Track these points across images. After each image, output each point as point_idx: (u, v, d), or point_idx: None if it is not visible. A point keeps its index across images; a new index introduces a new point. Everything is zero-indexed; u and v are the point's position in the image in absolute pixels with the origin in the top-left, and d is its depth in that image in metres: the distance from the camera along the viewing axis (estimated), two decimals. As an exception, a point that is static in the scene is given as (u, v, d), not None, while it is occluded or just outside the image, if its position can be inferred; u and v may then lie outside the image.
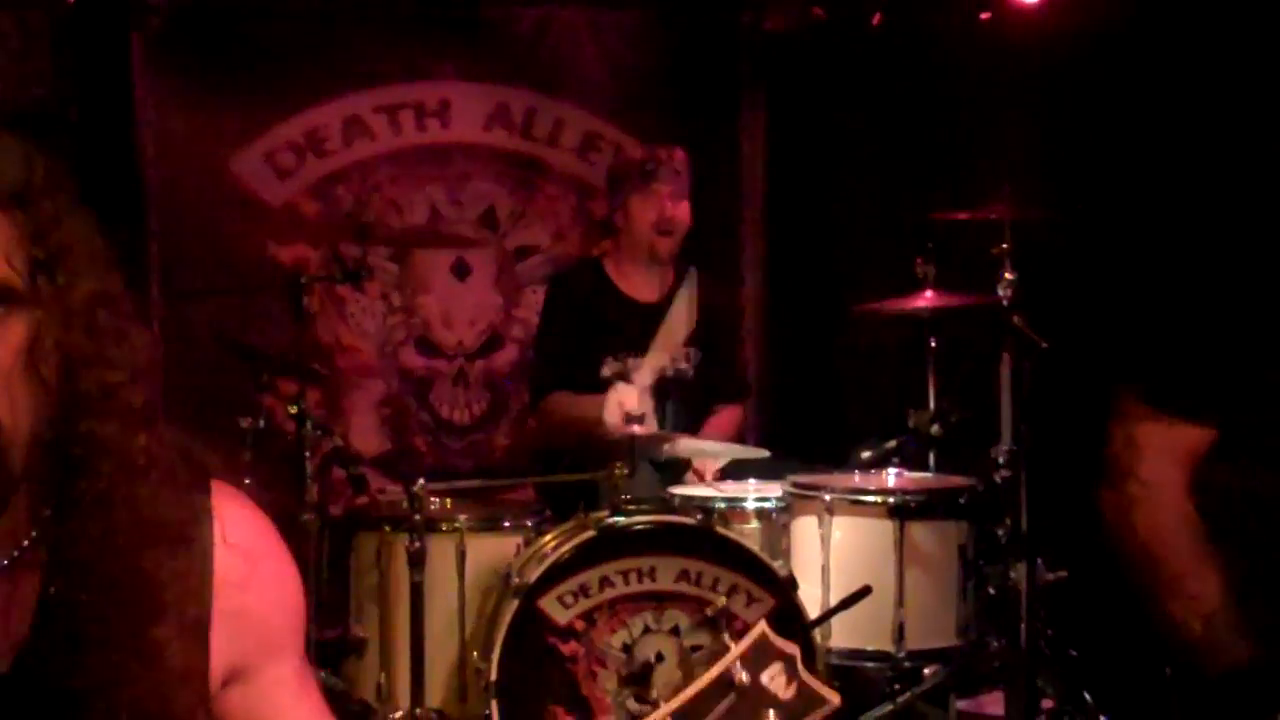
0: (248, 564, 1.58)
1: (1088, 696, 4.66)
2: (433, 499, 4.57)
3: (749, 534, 4.46)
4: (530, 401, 5.25)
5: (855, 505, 4.34)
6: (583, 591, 4.03)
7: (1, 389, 1.43)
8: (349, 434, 6.28)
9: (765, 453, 4.75)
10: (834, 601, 4.26)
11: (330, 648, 4.59)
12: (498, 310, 6.50)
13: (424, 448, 6.45)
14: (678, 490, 4.65)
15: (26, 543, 1.50)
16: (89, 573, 1.47)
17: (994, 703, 4.82)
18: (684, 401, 5.10)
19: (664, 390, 5.07)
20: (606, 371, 4.98)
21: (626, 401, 4.77)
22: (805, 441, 5.12)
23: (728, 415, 5.23)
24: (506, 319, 6.50)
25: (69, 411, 1.48)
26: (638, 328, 5.07)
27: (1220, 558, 2.58)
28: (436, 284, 6.44)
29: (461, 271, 6.45)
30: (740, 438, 5.31)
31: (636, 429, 4.41)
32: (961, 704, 4.64)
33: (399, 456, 6.39)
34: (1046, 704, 4.58)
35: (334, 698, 4.04)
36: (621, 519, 4.12)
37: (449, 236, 6.30)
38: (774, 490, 4.62)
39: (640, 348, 5.04)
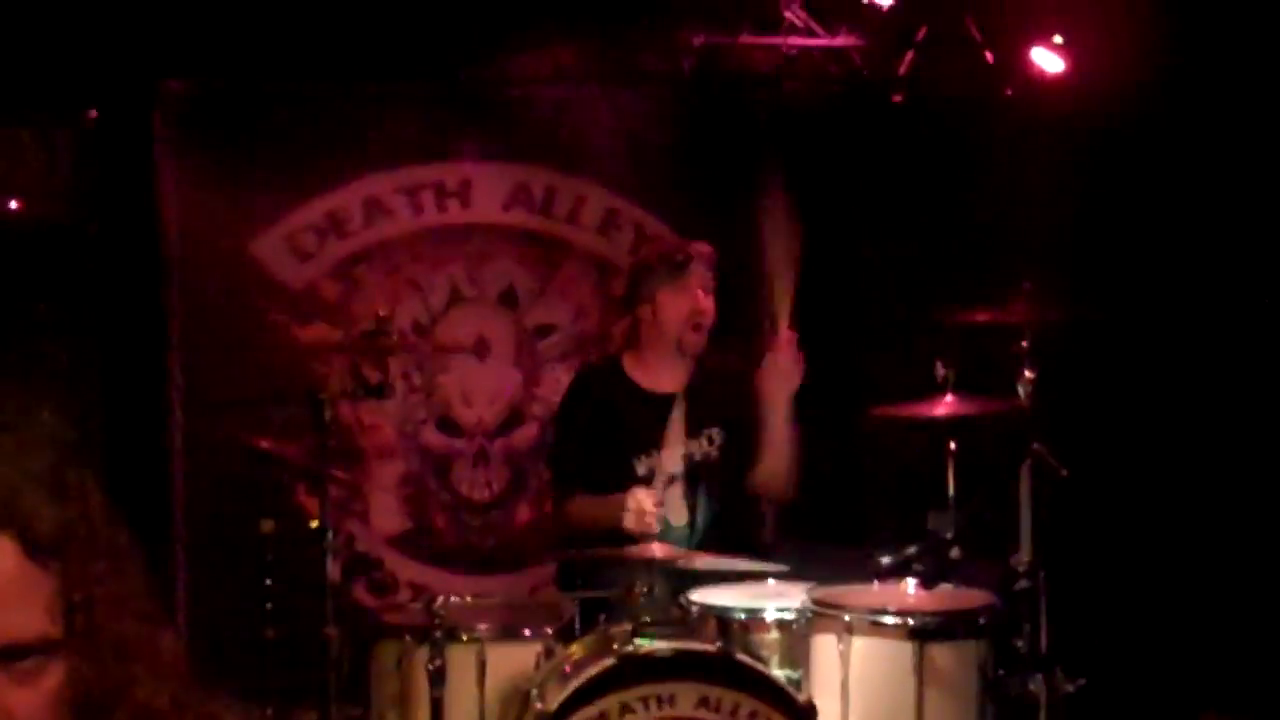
0: None
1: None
2: (453, 595, 4.60)
3: (770, 644, 4.48)
4: (553, 501, 5.25)
5: (875, 626, 4.34)
6: (603, 718, 4.04)
7: None
8: (369, 513, 6.33)
9: (782, 568, 4.75)
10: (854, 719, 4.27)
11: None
12: (518, 388, 6.52)
13: (444, 525, 6.48)
14: (696, 598, 4.64)
15: None
16: None
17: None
18: (713, 484, 5.09)
19: (694, 480, 5.07)
20: (641, 470, 4.97)
21: (644, 504, 4.79)
22: (825, 538, 5.12)
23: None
24: (527, 396, 6.52)
25: None
26: (654, 420, 5.06)
27: None
28: (456, 363, 6.48)
29: (481, 350, 6.47)
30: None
31: (656, 551, 4.41)
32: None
33: (419, 535, 6.42)
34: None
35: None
36: (643, 644, 4.13)
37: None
38: (795, 592, 4.63)
39: (658, 441, 5.04)
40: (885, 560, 4.76)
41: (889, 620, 4.36)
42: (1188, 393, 5.14)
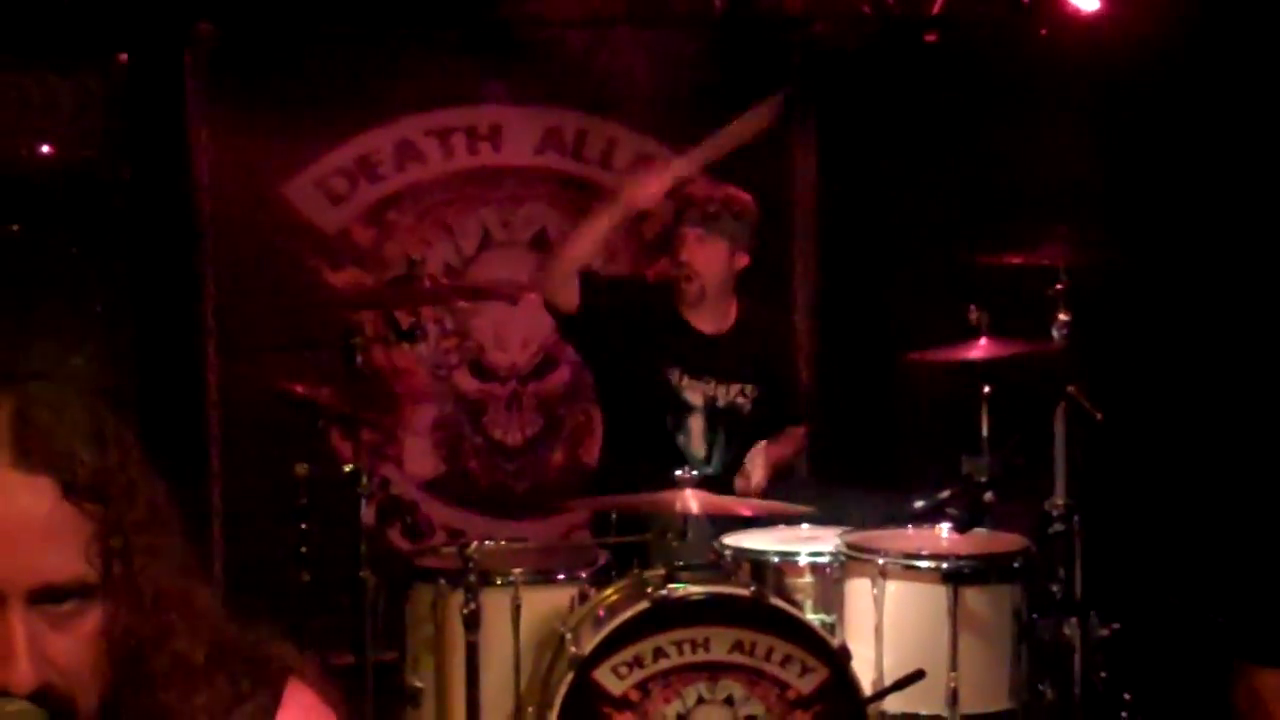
0: None
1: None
2: (487, 539, 4.61)
3: (803, 587, 4.50)
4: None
5: (909, 570, 4.35)
6: (637, 662, 4.06)
7: (75, 676, 1.46)
8: (403, 457, 6.35)
9: (809, 509, 4.75)
10: (888, 663, 4.29)
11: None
12: (550, 331, 6.49)
13: (477, 469, 6.49)
14: (730, 541, 4.65)
15: None
16: None
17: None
18: (737, 436, 5.10)
19: (715, 422, 5.07)
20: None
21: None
22: (857, 483, 5.12)
23: (790, 435, 5.21)
24: (559, 340, 6.49)
25: (138, 685, 1.52)
26: (699, 357, 5.04)
27: None
28: (488, 306, 6.47)
29: (513, 294, 6.46)
30: (795, 463, 5.27)
31: (690, 501, 4.38)
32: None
33: (452, 479, 6.44)
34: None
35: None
36: (676, 588, 4.14)
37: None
38: (829, 536, 4.64)
39: (697, 375, 5.03)
40: (919, 504, 4.76)
41: (923, 564, 4.37)
42: (1224, 335, 5.10)
